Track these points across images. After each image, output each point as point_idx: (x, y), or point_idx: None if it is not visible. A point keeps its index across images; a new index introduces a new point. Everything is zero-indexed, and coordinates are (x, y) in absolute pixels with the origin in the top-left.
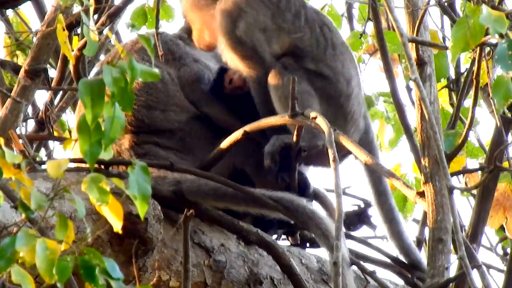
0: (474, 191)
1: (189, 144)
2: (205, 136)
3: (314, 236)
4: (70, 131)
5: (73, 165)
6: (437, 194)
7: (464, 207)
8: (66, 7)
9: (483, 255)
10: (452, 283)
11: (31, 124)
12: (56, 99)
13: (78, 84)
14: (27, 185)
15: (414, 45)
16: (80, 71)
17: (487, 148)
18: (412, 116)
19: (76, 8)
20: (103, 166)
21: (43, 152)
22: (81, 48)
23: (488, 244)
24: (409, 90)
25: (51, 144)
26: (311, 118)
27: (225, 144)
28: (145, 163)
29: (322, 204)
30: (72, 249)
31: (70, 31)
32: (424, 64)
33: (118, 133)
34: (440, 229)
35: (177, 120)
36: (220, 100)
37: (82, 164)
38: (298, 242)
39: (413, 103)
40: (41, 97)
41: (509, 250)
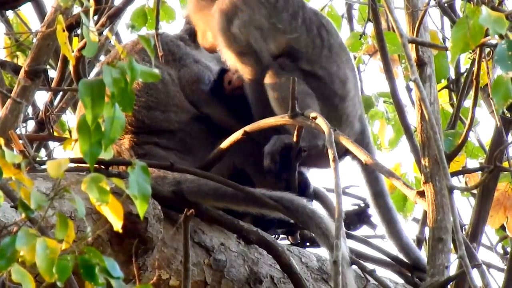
0: (474, 191)
1: (189, 145)
2: (205, 137)
3: (314, 235)
4: (70, 132)
5: (73, 165)
6: (437, 194)
7: (464, 207)
8: (66, 8)
9: (483, 254)
10: (452, 282)
11: (31, 125)
12: (56, 100)
13: (78, 84)
14: (27, 185)
15: (414, 45)
16: (80, 71)
17: (487, 148)
18: (412, 117)
19: (76, 9)
20: (103, 166)
21: (43, 152)
22: (81, 49)
23: (488, 243)
24: (409, 91)
25: (51, 145)
26: (311, 118)
27: (225, 144)
28: (145, 163)
29: (322, 203)
30: (72, 249)
31: (70, 32)
32: (424, 65)
33: (118, 133)
34: (440, 229)
35: (177, 121)
36: (220, 101)
37: (82, 164)
38: (298, 241)
39: (413, 103)
40: (41, 97)
41: (509, 249)
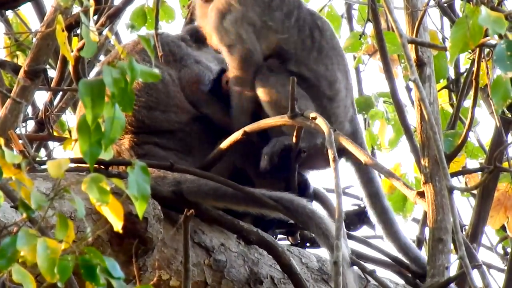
0: (475, 191)
1: (189, 145)
2: (205, 137)
3: (314, 236)
4: (70, 132)
5: (73, 165)
6: (437, 194)
7: (464, 207)
8: (66, 7)
9: (483, 255)
10: (452, 282)
11: (31, 125)
12: (56, 100)
13: (77, 84)
14: (27, 185)
15: (413, 46)
16: (79, 71)
17: (487, 148)
18: (412, 117)
19: (76, 8)
20: (102, 166)
21: (43, 152)
22: (81, 49)
23: (488, 244)
24: (409, 91)
25: (51, 145)
26: (310, 119)
27: (225, 144)
28: (145, 163)
29: (322, 204)
30: (72, 249)
31: (69, 32)
32: (423, 65)
33: (118, 133)
34: (440, 229)
35: (178, 121)
36: (220, 101)
37: (82, 164)
38: (298, 241)
39: (413, 103)
40: (41, 97)
41: (509, 249)
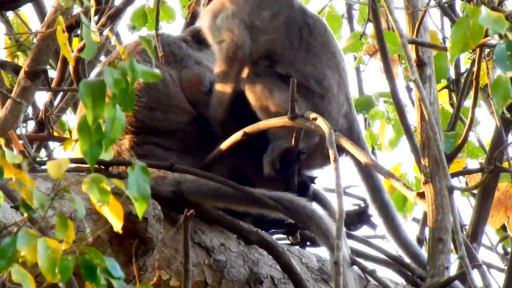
0: (475, 191)
1: (190, 145)
2: (205, 137)
3: (314, 235)
4: (70, 132)
5: (73, 165)
6: (437, 194)
7: (465, 207)
8: (67, 8)
9: (483, 255)
10: (452, 282)
11: (31, 125)
12: (56, 100)
13: (78, 85)
14: (28, 185)
15: (414, 46)
16: (80, 72)
17: (487, 148)
18: (412, 117)
19: (76, 9)
20: (103, 167)
21: (43, 153)
22: (81, 50)
23: (488, 244)
24: (409, 91)
25: (51, 145)
26: (310, 119)
27: (225, 145)
28: (145, 163)
29: (322, 205)
30: (72, 249)
31: (70, 32)
32: (424, 65)
33: (119, 134)
34: (440, 229)
35: (178, 121)
36: None
37: (82, 165)
38: (299, 240)
39: (413, 103)
40: (41, 97)
41: (509, 249)
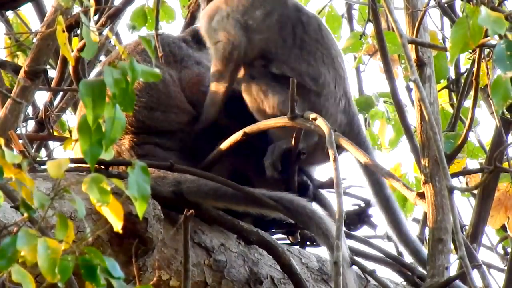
0: (475, 191)
1: (190, 145)
2: (205, 137)
3: (314, 236)
4: (70, 132)
5: (73, 165)
6: (437, 194)
7: (465, 207)
8: (67, 8)
9: (483, 255)
10: (452, 282)
11: (31, 125)
12: (56, 100)
13: (77, 85)
14: (28, 185)
15: (413, 46)
16: (79, 72)
17: (488, 148)
18: (412, 117)
19: (76, 9)
20: (103, 167)
21: (43, 152)
22: (81, 49)
23: (488, 244)
24: (409, 91)
25: (51, 145)
26: (310, 119)
27: (225, 145)
28: (145, 163)
29: (322, 205)
30: (72, 249)
31: (70, 32)
32: (423, 65)
33: (119, 134)
34: (440, 229)
35: (178, 121)
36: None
37: (82, 165)
38: (299, 240)
39: (413, 103)
40: (41, 97)
41: (509, 249)
